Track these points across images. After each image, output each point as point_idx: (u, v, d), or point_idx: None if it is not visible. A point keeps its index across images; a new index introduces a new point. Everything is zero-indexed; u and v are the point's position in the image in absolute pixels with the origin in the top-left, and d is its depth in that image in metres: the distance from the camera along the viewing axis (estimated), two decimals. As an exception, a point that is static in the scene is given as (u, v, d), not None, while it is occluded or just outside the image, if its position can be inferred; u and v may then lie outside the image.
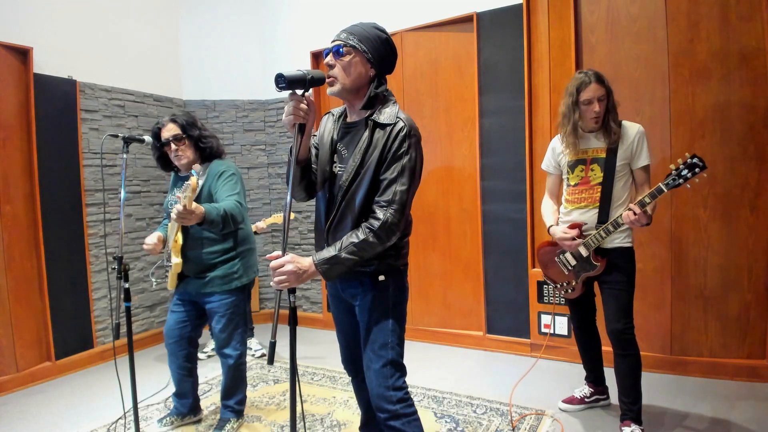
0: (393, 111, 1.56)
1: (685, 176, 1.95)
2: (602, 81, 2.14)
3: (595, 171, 2.20)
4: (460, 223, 3.61)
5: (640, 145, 2.15)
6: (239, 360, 2.38)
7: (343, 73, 1.53)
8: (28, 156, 3.17)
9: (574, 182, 2.27)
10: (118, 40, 3.75)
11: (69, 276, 3.38)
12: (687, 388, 2.68)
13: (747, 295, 2.72)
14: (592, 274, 2.22)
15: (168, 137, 2.27)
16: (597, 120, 2.15)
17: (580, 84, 2.14)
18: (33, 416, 2.69)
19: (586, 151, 2.23)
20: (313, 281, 4.36)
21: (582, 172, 2.23)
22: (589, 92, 2.12)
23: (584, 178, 2.23)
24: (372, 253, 1.52)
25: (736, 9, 2.66)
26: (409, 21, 3.68)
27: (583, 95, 2.14)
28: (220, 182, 2.24)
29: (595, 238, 2.16)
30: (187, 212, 1.91)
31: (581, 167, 2.24)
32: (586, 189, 2.22)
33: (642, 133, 2.16)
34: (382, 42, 1.56)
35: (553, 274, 2.44)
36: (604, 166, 2.17)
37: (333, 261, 1.48)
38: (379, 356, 1.59)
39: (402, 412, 1.57)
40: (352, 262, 1.49)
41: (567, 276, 2.35)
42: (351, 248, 1.48)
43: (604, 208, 2.17)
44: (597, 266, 2.18)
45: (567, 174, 2.31)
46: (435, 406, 2.66)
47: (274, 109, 4.45)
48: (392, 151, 1.51)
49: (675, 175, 1.97)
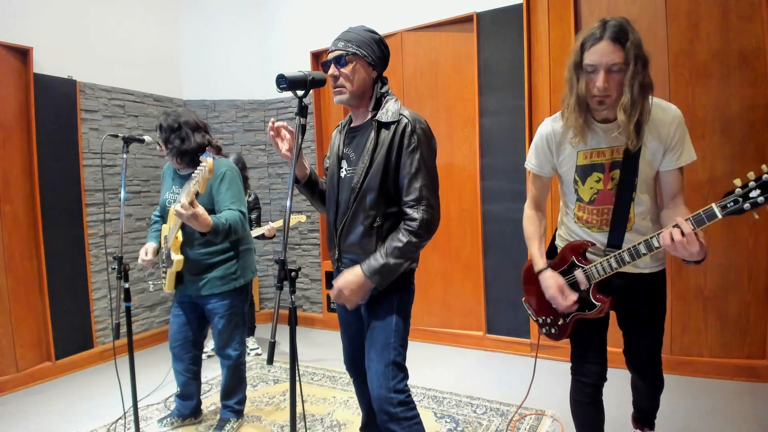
0: (395, 108, 1.59)
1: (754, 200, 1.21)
2: (622, 40, 1.33)
3: (616, 180, 1.49)
4: (460, 223, 3.61)
5: (679, 135, 1.43)
6: (239, 360, 2.38)
7: (349, 81, 1.58)
8: (28, 156, 3.17)
9: (587, 197, 1.56)
10: (118, 40, 3.75)
11: (69, 276, 3.38)
12: (687, 388, 2.68)
13: (747, 295, 2.72)
14: (588, 316, 1.57)
15: (156, 140, 2.29)
16: (602, 101, 1.39)
17: (589, 37, 1.38)
18: (33, 416, 2.69)
19: (603, 152, 1.50)
20: (312, 281, 4.36)
21: (599, 184, 1.52)
22: (594, 53, 1.35)
23: (603, 192, 1.52)
24: (417, 252, 1.58)
25: (736, 9, 2.65)
26: (409, 21, 3.68)
27: (588, 56, 1.38)
28: (223, 185, 2.21)
29: (604, 266, 1.51)
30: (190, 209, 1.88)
31: (597, 176, 1.51)
32: (609, 209, 1.51)
33: (681, 119, 1.45)
34: (377, 43, 1.62)
35: (536, 302, 1.75)
36: (622, 169, 1.48)
37: (384, 269, 1.52)
38: (381, 357, 1.59)
39: (402, 415, 1.56)
40: (400, 266, 1.54)
41: (552, 311, 1.66)
42: (397, 253, 1.52)
43: (618, 227, 1.50)
44: (596, 307, 1.55)
45: (574, 183, 1.58)
46: (435, 406, 2.66)
47: (274, 109, 4.45)
48: (402, 149, 1.54)
49: (740, 195, 1.22)
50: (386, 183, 1.56)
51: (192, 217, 1.90)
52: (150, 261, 2.28)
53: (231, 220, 2.11)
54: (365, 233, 1.59)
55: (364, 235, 1.59)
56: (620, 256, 1.46)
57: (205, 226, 1.97)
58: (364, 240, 1.59)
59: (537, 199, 1.74)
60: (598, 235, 1.57)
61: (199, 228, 1.98)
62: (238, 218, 2.15)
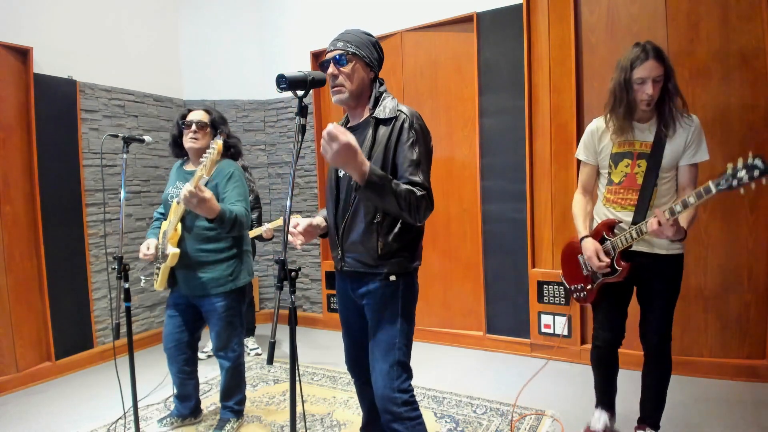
0: (393, 105, 1.60)
1: (741, 179, 1.57)
2: (662, 58, 1.81)
3: (641, 167, 1.91)
4: (460, 223, 3.61)
5: (696, 137, 1.86)
6: (238, 360, 2.37)
7: (348, 81, 1.59)
8: (28, 156, 3.17)
9: (617, 179, 1.97)
10: (118, 40, 3.75)
11: (69, 276, 3.38)
12: (687, 388, 2.68)
13: (747, 295, 2.72)
14: (611, 280, 1.97)
15: (194, 119, 2.28)
16: (649, 103, 1.84)
17: (636, 58, 1.82)
18: (33, 416, 2.69)
19: (633, 143, 1.92)
20: (312, 281, 4.36)
21: (627, 168, 1.93)
22: (644, 70, 1.80)
23: (630, 176, 1.93)
24: (406, 208, 1.45)
25: (736, 9, 2.65)
26: (409, 21, 3.68)
27: (637, 72, 1.82)
28: (230, 184, 2.24)
29: (624, 238, 1.90)
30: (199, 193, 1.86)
31: (627, 162, 1.93)
32: (632, 189, 1.93)
33: (699, 126, 1.89)
34: (373, 45, 1.64)
35: (569, 272, 2.19)
36: (648, 161, 1.89)
37: (383, 181, 1.40)
38: (386, 357, 1.59)
39: (406, 415, 1.57)
40: (389, 200, 1.43)
41: (584, 278, 2.10)
42: (397, 188, 1.43)
43: (641, 210, 1.89)
44: (618, 271, 1.93)
45: (609, 168, 2.00)
46: (435, 406, 2.66)
47: (274, 109, 4.45)
48: (400, 143, 1.54)
49: (730, 175, 1.60)
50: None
51: (200, 201, 1.88)
52: (152, 255, 2.28)
53: (237, 212, 2.12)
54: (366, 230, 1.58)
55: (366, 233, 1.59)
56: (638, 228, 1.84)
57: (212, 211, 1.96)
58: (366, 237, 1.59)
59: (585, 183, 2.13)
60: (622, 214, 1.96)
61: (205, 213, 1.96)
62: (243, 213, 2.16)
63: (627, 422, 2.31)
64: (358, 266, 1.63)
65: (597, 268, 1.94)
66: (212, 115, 2.35)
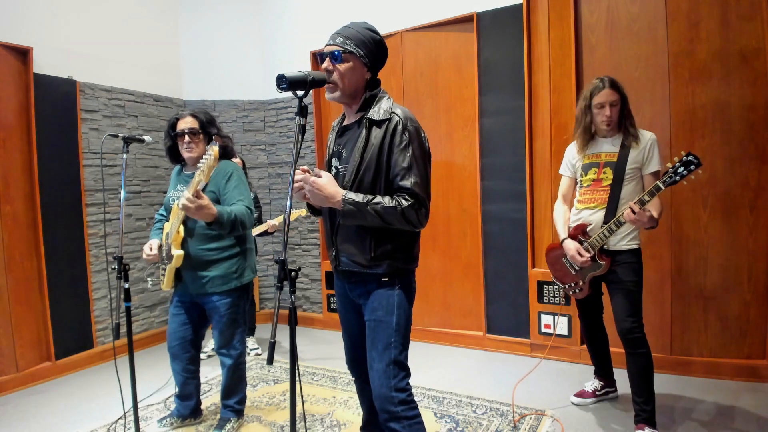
0: (387, 106, 1.59)
1: (681, 173, 1.99)
2: (616, 87, 2.22)
3: (607, 174, 2.26)
4: (460, 223, 3.61)
5: (651, 151, 2.21)
6: (239, 360, 2.37)
7: (342, 79, 1.57)
8: (28, 156, 3.17)
9: (586, 183, 2.34)
10: (118, 40, 3.75)
11: (69, 276, 3.38)
12: (687, 388, 2.68)
13: (747, 295, 2.72)
14: (598, 273, 2.28)
15: (184, 129, 2.28)
16: (608, 123, 2.23)
17: (594, 88, 2.25)
18: (33, 416, 2.69)
19: (599, 155, 2.30)
20: (312, 281, 4.36)
21: (594, 174, 2.30)
22: (601, 96, 2.22)
23: (596, 180, 2.30)
24: (394, 221, 1.52)
25: (736, 9, 2.65)
26: (409, 21, 3.68)
27: (596, 99, 2.24)
28: (230, 184, 2.24)
29: (599, 237, 2.22)
30: (195, 201, 1.89)
31: (594, 170, 2.31)
32: (597, 190, 2.29)
33: (654, 140, 2.23)
34: (377, 44, 1.61)
35: (560, 275, 2.50)
36: (614, 169, 2.23)
37: (358, 206, 1.49)
38: (383, 355, 1.59)
39: (404, 414, 1.57)
40: (372, 219, 1.50)
41: (574, 276, 2.40)
42: (378, 206, 1.50)
43: (611, 209, 2.22)
44: (602, 265, 2.25)
45: (580, 176, 2.38)
46: (435, 406, 2.66)
47: (274, 109, 4.45)
48: (393, 146, 1.54)
49: (671, 173, 2.00)
50: (378, 180, 1.56)
51: (197, 208, 1.92)
52: (155, 256, 2.29)
53: (237, 211, 2.13)
54: (359, 231, 1.59)
55: (358, 234, 1.59)
56: (609, 227, 2.19)
57: (209, 216, 1.99)
58: (359, 237, 1.59)
59: (565, 192, 2.50)
60: (591, 212, 2.30)
61: (203, 218, 1.99)
62: (245, 211, 2.17)
63: (628, 422, 2.31)
64: (352, 266, 1.64)
65: (580, 263, 2.28)
66: (200, 118, 2.33)
